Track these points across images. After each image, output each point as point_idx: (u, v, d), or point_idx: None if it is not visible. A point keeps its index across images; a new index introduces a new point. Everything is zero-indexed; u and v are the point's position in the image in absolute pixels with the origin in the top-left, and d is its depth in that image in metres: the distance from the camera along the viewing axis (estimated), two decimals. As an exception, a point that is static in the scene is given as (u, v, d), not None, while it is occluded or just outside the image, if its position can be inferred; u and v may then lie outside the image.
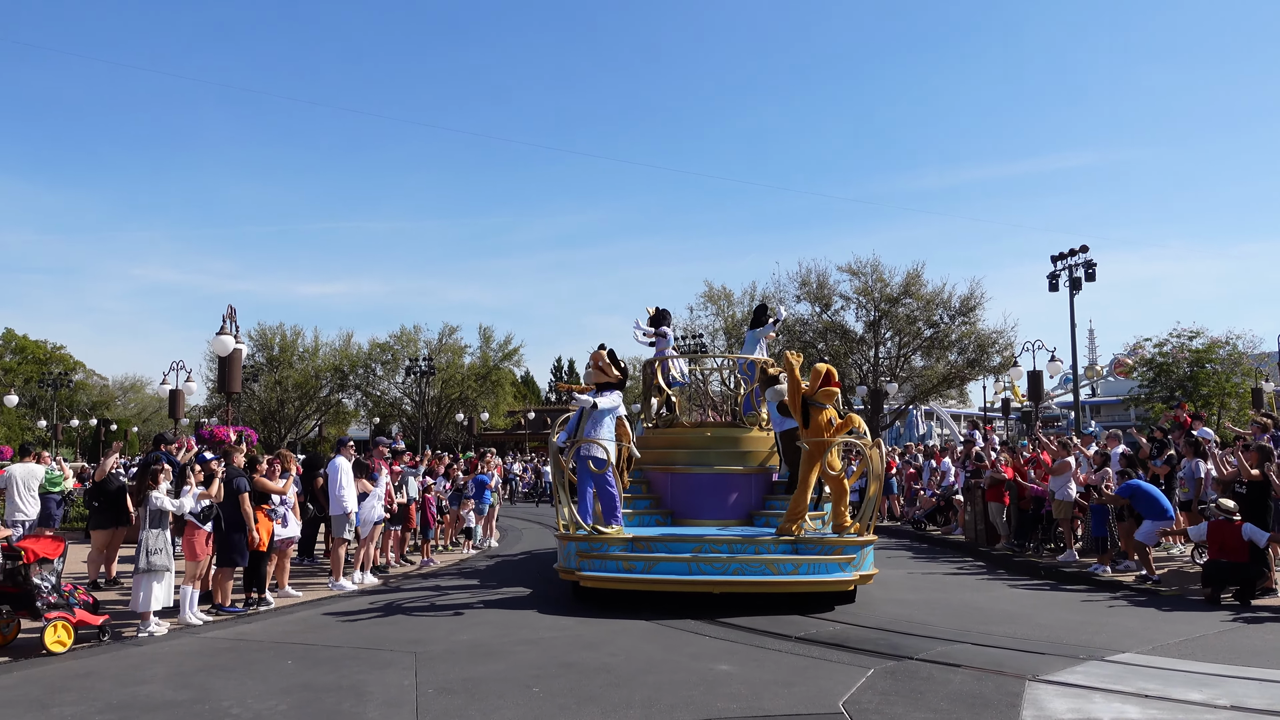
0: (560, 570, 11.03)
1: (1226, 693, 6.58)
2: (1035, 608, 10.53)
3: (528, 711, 6.29)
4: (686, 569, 10.13)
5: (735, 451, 13.08)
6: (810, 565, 10.16)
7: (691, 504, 12.65)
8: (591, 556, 10.40)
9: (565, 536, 10.77)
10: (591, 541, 10.50)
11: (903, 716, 6.11)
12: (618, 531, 10.75)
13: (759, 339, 14.33)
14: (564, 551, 10.98)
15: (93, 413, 68.04)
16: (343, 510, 11.88)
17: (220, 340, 20.21)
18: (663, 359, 14.40)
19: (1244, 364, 35.67)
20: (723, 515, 12.48)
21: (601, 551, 10.43)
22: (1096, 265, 28.94)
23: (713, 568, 10.10)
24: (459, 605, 10.60)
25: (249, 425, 33.88)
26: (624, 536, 10.64)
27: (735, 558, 10.23)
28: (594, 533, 10.65)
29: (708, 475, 12.70)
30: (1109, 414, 65.46)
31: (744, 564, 10.13)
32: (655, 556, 10.37)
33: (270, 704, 6.52)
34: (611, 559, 10.36)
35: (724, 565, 10.12)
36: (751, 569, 10.08)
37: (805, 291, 41.44)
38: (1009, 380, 42.51)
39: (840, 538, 10.39)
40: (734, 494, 12.69)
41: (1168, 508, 12.10)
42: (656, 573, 10.18)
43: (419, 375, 50.91)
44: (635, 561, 10.31)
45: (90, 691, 6.92)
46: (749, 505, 12.70)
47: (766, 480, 13.04)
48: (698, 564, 10.15)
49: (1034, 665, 7.45)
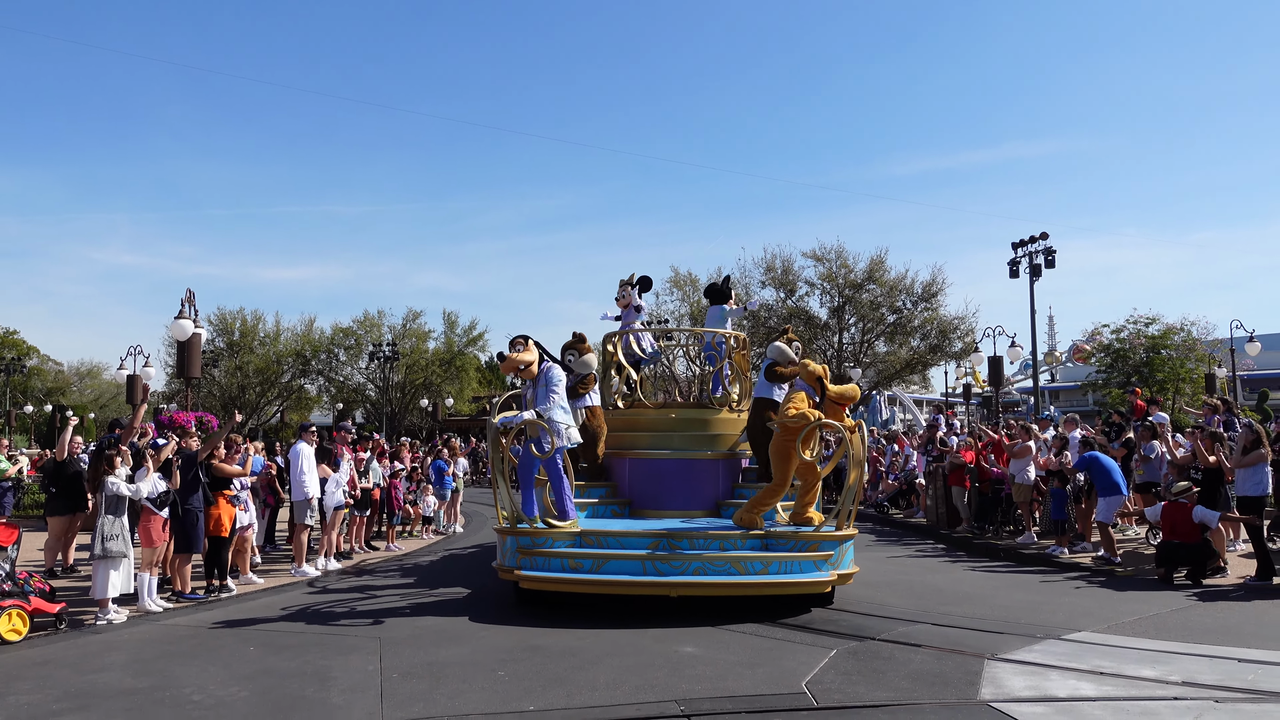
0: (499, 569, 9.76)
1: (1179, 669, 6.74)
2: (994, 589, 10.70)
3: (493, 695, 6.30)
4: (641, 568, 8.98)
5: (702, 435, 12.00)
6: (782, 564, 9.12)
7: (652, 493, 11.59)
8: (533, 554, 9.26)
9: (505, 531, 9.65)
10: (534, 537, 9.43)
11: (864, 695, 6.20)
12: (571, 525, 9.68)
13: (726, 317, 13.46)
14: (503, 548, 9.76)
15: (48, 399, 66.77)
16: (305, 496, 11.78)
17: (179, 324, 19.92)
18: (627, 331, 13.20)
19: (1198, 350, 36.34)
20: (687, 505, 11.47)
21: (545, 548, 9.32)
22: (1056, 252, 29.33)
23: (670, 567, 8.97)
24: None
25: (209, 411, 33.42)
26: (570, 531, 9.56)
27: (697, 555, 9.13)
28: (542, 526, 9.58)
29: (670, 461, 11.61)
30: (1068, 399, 66.40)
31: (707, 563, 9.03)
32: (605, 554, 9.19)
33: (232, 690, 6.46)
34: (556, 556, 9.22)
35: (684, 564, 9.00)
36: (715, 568, 9.00)
37: (770, 277, 41.60)
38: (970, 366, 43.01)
39: (817, 532, 9.40)
40: (699, 481, 11.65)
41: (1121, 483, 12.33)
42: (606, 572, 9.01)
43: (383, 360, 50.47)
44: (582, 560, 9.15)
45: (47, 680, 6.82)
46: (716, 494, 11.68)
47: (736, 466, 12.09)
48: (654, 563, 8.99)
49: (993, 644, 7.59)
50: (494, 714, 5.91)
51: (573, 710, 5.97)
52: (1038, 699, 6.10)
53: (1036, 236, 29.67)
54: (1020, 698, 6.12)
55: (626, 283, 13.65)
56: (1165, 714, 5.74)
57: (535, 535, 9.44)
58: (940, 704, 6.02)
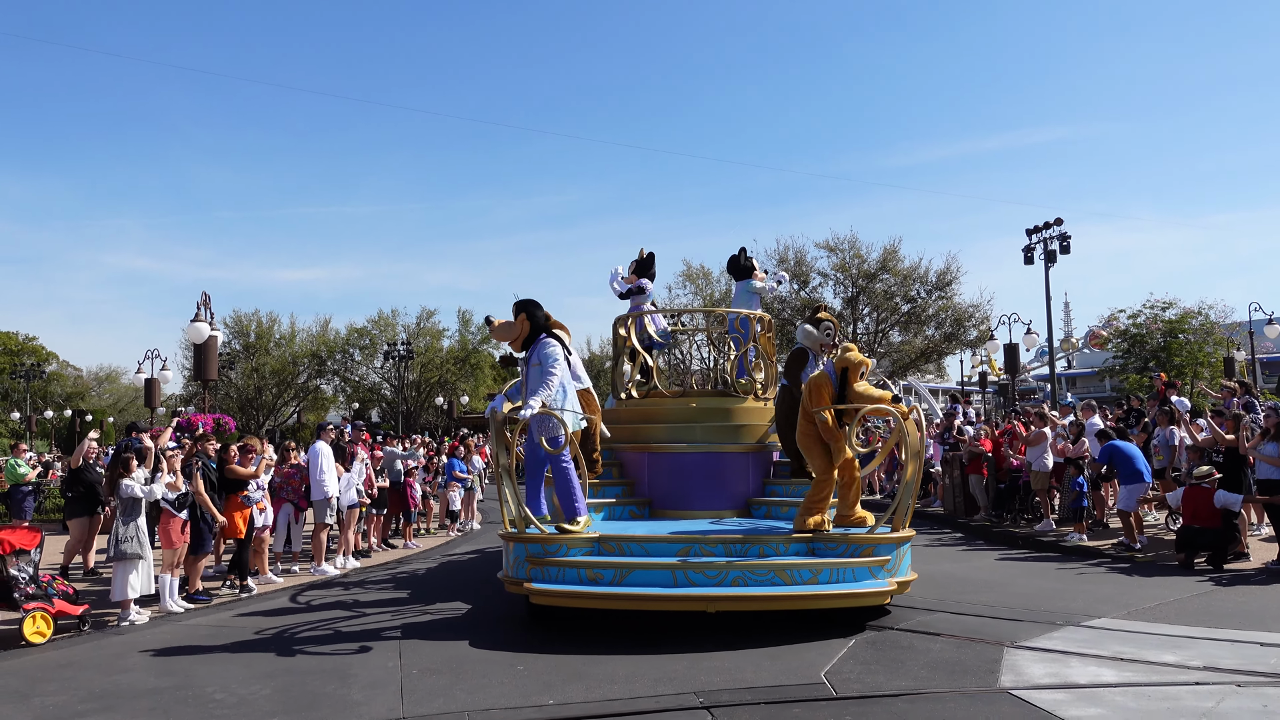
0: (505, 581, 8.70)
1: (1200, 654, 6.70)
2: (1013, 576, 10.66)
3: (513, 689, 6.32)
4: (671, 579, 7.89)
5: (727, 425, 10.80)
6: (834, 571, 8.02)
7: (674, 491, 10.42)
8: (545, 563, 8.16)
9: (512, 537, 8.52)
10: (545, 544, 8.25)
11: (883, 685, 6.19)
12: (583, 527, 8.50)
13: (753, 293, 12.34)
14: (510, 556, 8.67)
15: (67, 404, 67.25)
16: (324, 495, 11.84)
17: (195, 328, 20.08)
18: (638, 314, 12.10)
19: (1216, 334, 36.12)
20: (714, 504, 10.31)
21: (559, 556, 8.22)
22: (1071, 238, 29.05)
23: (706, 578, 7.87)
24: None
25: (226, 413, 33.63)
26: (588, 535, 8.40)
27: (735, 563, 7.99)
28: (555, 531, 8.37)
29: (694, 455, 10.46)
30: (1085, 385, 66.04)
31: (748, 571, 7.90)
32: (629, 563, 8.08)
33: (254, 689, 6.51)
34: (571, 566, 8.10)
35: (721, 574, 7.88)
36: (758, 578, 7.88)
37: (783, 268, 41.47)
38: (986, 354, 42.77)
39: (871, 534, 8.34)
40: (727, 478, 10.49)
41: (1144, 470, 12.24)
42: (630, 585, 7.90)
43: (397, 359, 50.65)
44: (603, 570, 8.02)
45: (72, 681, 6.89)
46: (746, 491, 10.54)
47: (767, 460, 10.86)
48: (686, 573, 7.89)
49: (1012, 632, 7.56)
50: (513, 708, 5.93)
51: (591, 703, 5.99)
52: (1058, 686, 6.08)
53: (1051, 222, 29.42)
54: (1040, 685, 6.10)
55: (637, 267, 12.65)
56: (1186, 699, 5.70)
57: (546, 542, 8.29)
58: (960, 693, 6.01)
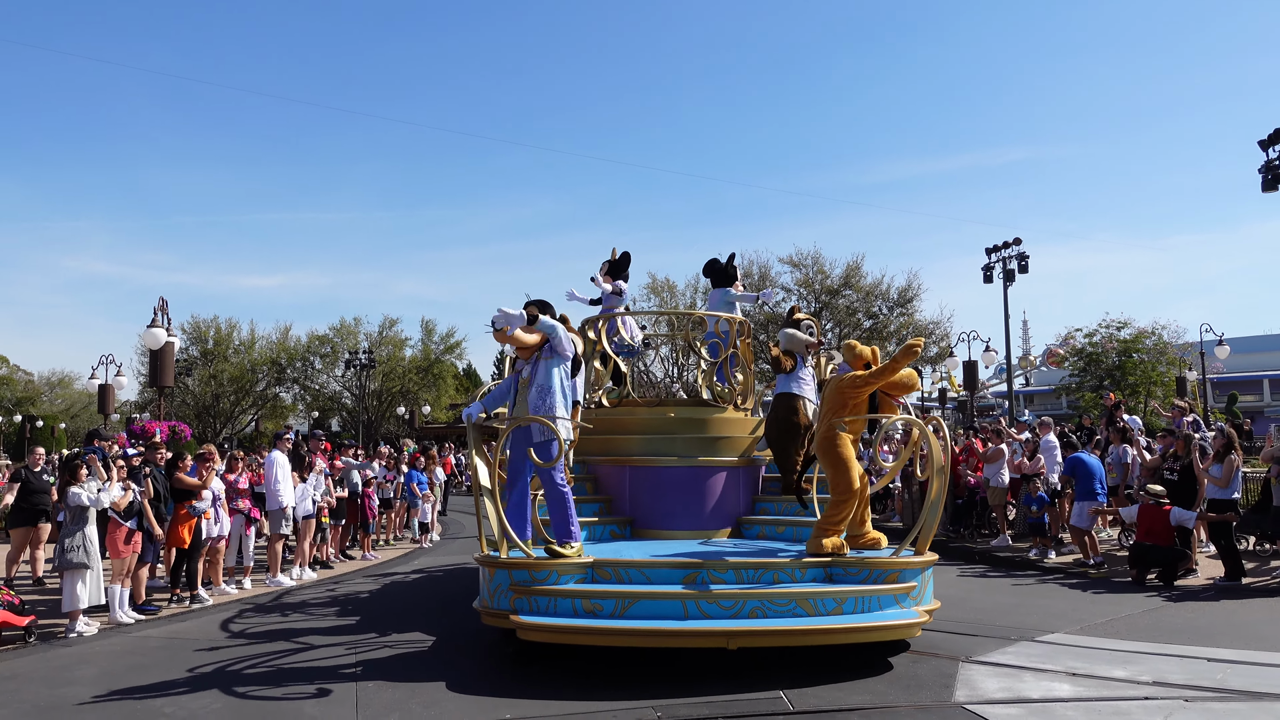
0: (484, 613, 7.58)
1: (1150, 669, 6.82)
2: (969, 591, 10.78)
3: (467, 702, 6.27)
4: (680, 609, 6.95)
5: (710, 437, 9.90)
6: (858, 600, 7.19)
7: (658, 509, 9.51)
8: (534, 593, 7.12)
9: (492, 562, 7.41)
10: (533, 570, 7.21)
11: (840, 699, 6.22)
12: (577, 552, 7.50)
13: (730, 302, 11.60)
14: (490, 584, 7.50)
15: (17, 409, 65.81)
16: (279, 505, 11.68)
17: (152, 333, 19.74)
18: (609, 315, 11.26)
19: (1169, 353, 36.80)
20: (702, 524, 9.43)
21: (549, 584, 7.20)
22: (1029, 258, 29.55)
23: (720, 608, 6.95)
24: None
25: (183, 420, 33.10)
26: (580, 562, 7.39)
27: (751, 591, 7.12)
28: (545, 554, 7.31)
29: (679, 470, 9.51)
30: (1042, 402, 67.05)
31: (766, 600, 7.02)
32: (633, 591, 7.10)
33: (204, 702, 6.39)
34: (565, 595, 7.09)
35: (736, 604, 6.98)
36: (778, 608, 7.00)
37: (747, 284, 41.57)
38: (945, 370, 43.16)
39: (894, 558, 7.60)
40: (715, 494, 9.59)
41: (1100, 489, 12.45)
42: (634, 617, 6.91)
43: (359, 368, 50.13)
44: (602, 600, 7.01)
45: (16, 694, 6.72)
46: (736, 509, 9.72)
47: (755, 476, 10.09)
48: (699, 602, 6.96)
49: (967, 647, 7.65)
50: (469, 723, 5.88)
51: (549, 718, 5.95)
52: (1011, 700, 6.15)
53: (1010, 242, 29.89)
54: (994, 699, 6.17)
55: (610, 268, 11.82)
56: (1136, 714, 5.80)
57: (535, 568, 7.25)
58: (915, 707, 6.06)
